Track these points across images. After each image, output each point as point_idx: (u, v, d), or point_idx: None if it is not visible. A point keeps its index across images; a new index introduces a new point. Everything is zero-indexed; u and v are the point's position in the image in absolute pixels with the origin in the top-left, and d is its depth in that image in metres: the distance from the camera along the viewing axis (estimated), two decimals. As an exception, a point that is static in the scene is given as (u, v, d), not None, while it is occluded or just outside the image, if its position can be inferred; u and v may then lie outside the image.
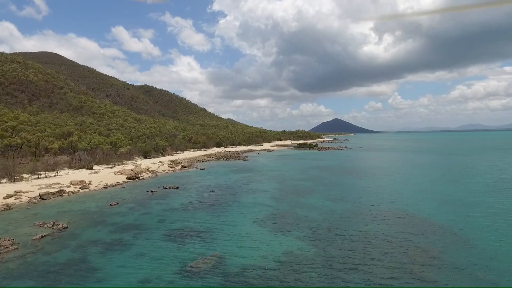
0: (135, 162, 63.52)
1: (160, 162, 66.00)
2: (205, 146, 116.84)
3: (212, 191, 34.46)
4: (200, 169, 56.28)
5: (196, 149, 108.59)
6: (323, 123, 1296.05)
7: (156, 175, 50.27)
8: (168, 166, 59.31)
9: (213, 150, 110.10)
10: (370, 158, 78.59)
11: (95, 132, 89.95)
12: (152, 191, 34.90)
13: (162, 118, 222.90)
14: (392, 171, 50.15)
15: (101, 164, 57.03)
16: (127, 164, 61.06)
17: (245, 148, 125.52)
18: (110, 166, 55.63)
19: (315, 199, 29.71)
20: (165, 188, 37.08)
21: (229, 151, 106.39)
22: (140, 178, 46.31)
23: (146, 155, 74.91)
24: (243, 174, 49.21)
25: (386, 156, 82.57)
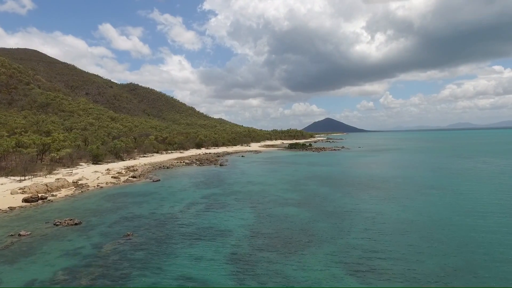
0: (71, 171, 47.28)
1: (107, 169, 49.91)
2: (183, 147, 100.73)
3: (128, 235, 18.74)
4: (154, 181, 40.54)
5: (170, 151, 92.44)
6: (314, 122, 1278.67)
7: (82, 192, 34.38)
8: (111, 177, 43.27)
9: (191, 152, 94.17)
10: (380, 162, 63.27)
11: (40, 132, 73.06)
12: (20, 234, 19.12)
13: (145, 117, 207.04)
14: (425, 184, 34.89)
15: (14, 175, 40.74)
16: (57, 173, 44.89)
17: (229, 149, 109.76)
18: (22, 178, 39.33)
19: (319, 263, 14.27)
20: (56, 225, 21.33)
21: (209, 153, 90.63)
22: (47, 199, 30.34)
23: (96, 160, 58.67)
24: (208, 190, 33.56)
25: (399, 160, 67.39)
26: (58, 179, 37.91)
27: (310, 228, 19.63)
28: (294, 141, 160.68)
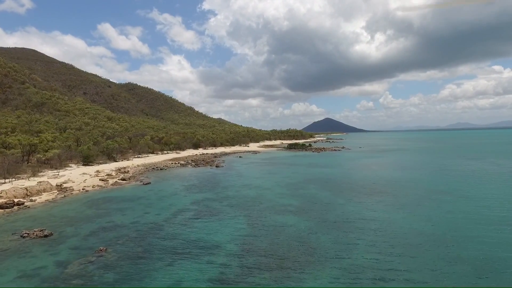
0: (58, 173, 44.83)
1: (96, 171, 47.45)
2: (180, 148, 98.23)
3: (101, 250, 16.29)
4: (144, 184, 38.09)
5: (166, 152, 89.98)
6: (314, 122, 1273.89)
7: (65, 196, 31.94)
8: (100, 179, 40.83)
9: (188, 153, 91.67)
10: (383, 164, 60.73)
11: (27, 132, 70.53)
12: (-23, 250, 16.69)
13: (143, 117, 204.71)
14: (434, 188, 32.35)
15: (-4, 178, 38.24)
16: (42, 175, 42.41)
17: (227, 149, 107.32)
18: (2, 181, 36.82)
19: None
20: (23, 236, 18.93)
21: (207, 154, 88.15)
22: (24, 205, 27.89)
23: (87, 160, 56.19)
24: (200, 194, 31.11)
25: (402, 161, 64.95)
26: (40, 182, 35.42)
27: (310, 242, 17.19)
28: (294, 141, 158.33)
